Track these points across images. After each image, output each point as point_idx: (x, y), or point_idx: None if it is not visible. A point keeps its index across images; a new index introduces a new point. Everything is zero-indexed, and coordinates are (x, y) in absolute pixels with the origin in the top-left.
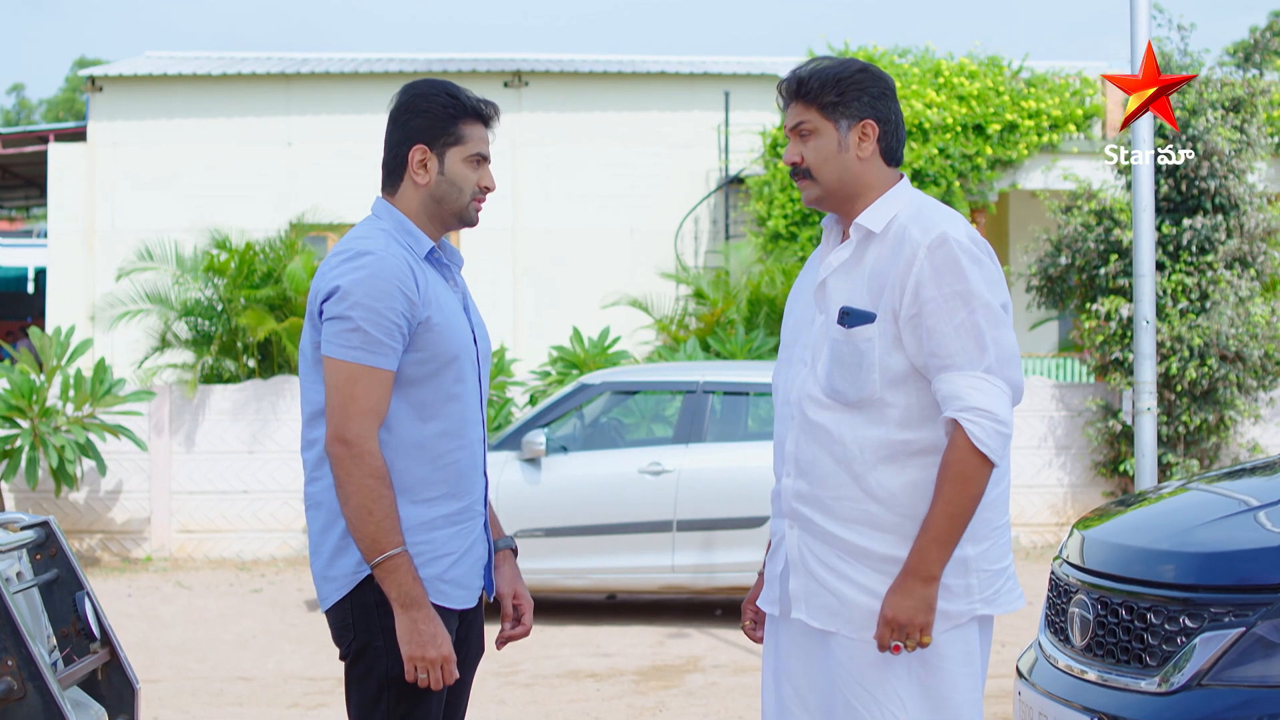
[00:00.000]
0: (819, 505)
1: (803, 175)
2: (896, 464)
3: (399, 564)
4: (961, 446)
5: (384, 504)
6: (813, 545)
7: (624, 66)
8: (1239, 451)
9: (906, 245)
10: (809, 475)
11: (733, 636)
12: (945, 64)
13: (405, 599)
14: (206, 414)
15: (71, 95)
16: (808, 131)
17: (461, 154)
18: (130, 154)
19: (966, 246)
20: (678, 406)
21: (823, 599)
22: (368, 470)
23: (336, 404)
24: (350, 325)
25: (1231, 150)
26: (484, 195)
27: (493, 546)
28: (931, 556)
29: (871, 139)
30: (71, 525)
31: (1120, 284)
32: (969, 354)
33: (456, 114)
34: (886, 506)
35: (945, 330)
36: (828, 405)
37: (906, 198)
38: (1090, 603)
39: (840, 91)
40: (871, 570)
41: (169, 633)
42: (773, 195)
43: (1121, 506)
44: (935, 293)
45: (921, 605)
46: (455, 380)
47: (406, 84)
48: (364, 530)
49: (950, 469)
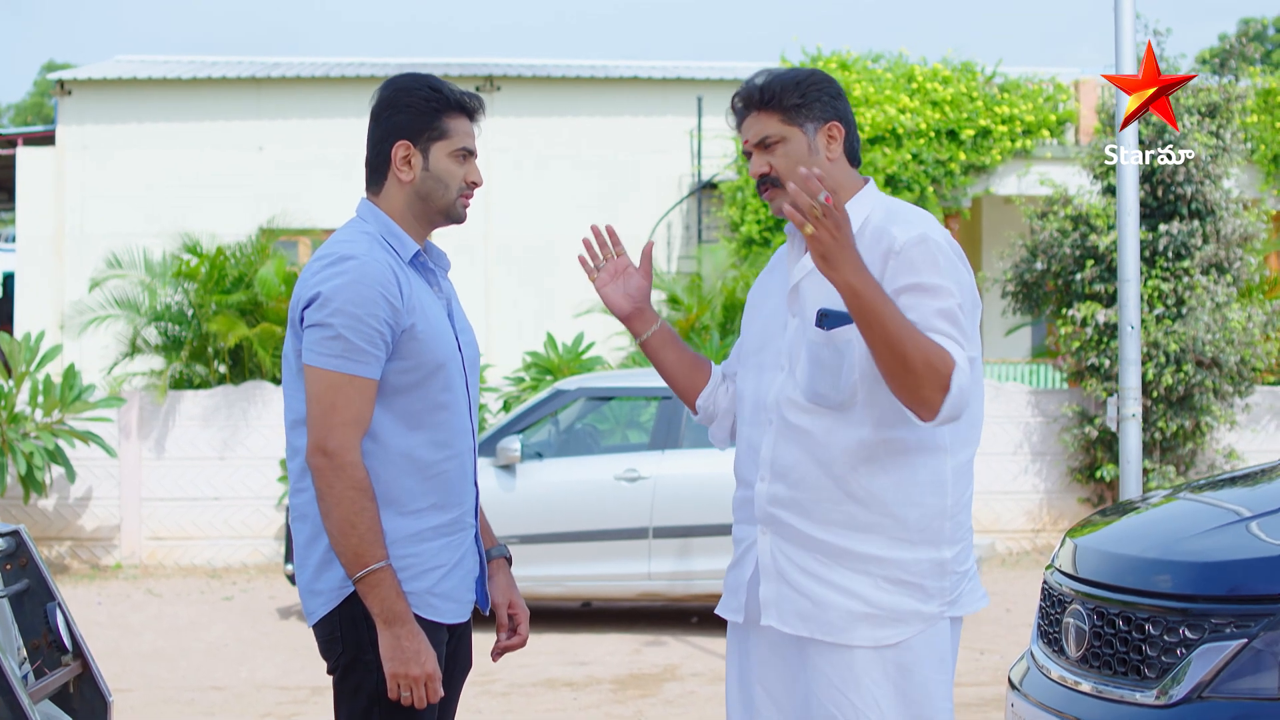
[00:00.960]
0: (798, 509)
1: (771, 184)
2: (877, 463)
3: (382, 578)
4: (950, 364)
5: (366, 517)
6: (788, 550)
7: (596, 71)
8: (1215, 458)
9: (884, 242)
10: (787, 479)
11: (710, 645)
12: (919, 69)
13: (388, 614)
14: (177, 420)
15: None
16: (774, 141)
17: (446, 149)
18: (99, 158)
19: (944, 248)
20: (653, 412)
21: (795, 604)
22: (349, 482)
23: (317, 414)
24: (331, 333)
25: (1208, 156)
26: (471, 191)
27: (484, 557)
28: (876, 289)
29: (839, 140)
30: (40, 532)
31: (1096, 289)
32: (949, 331)
33: (440, 108)
34: (866, 506)
35: (923, 310)
36: (808, 409)
37: (876, 199)
38: (1086, 613)
39: (802, 94)
40: (850, 571)
41: (140, 641)
42: (746, 200)
43: (1113, 515)
44: (912, 282)
45: (856, 254)
46: (442, 388)
47: (388, 79)
48: (346, 544)
49: (935, 352)
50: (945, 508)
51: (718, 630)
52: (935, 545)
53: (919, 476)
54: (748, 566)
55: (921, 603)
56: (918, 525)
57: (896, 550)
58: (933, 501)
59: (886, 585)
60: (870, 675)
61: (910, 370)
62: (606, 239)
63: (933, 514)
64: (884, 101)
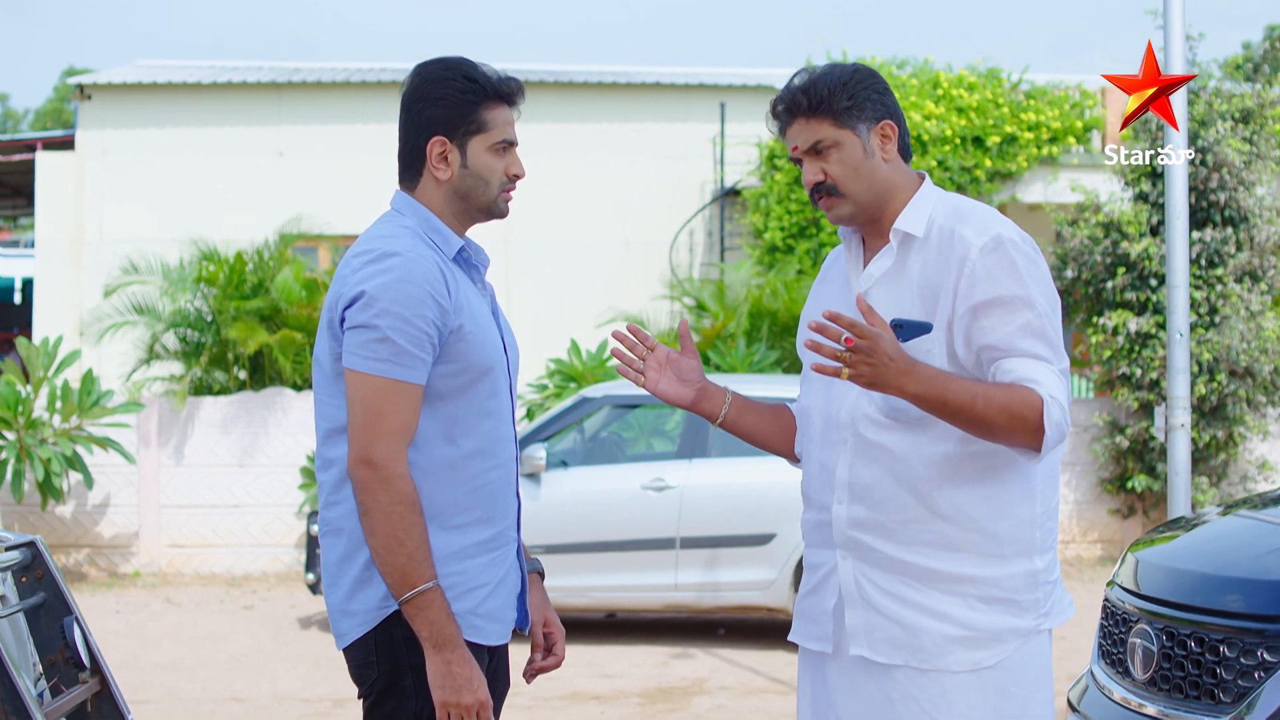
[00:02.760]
0: (881, 531)
1: (828, 193)
2: (963, 478)
3: (431, 600)
4: (1037, 405)
5: (415, 533)
6: (873, 575)
7: (619, 77)
8: (1247, 469)
9: (957, 246)
10: (867, 499)
11: (739, 657)
12: (944, 75)
13: (438, 638)
14: (196, 426)
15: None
16: (827, 146)
17: (485, 143)
18: (119, 163)
19: (1021, 248)
20: (679, 420)
21: (886, 631)
22: (397, 496)
23: (361, 422)
24: (377, 335)
25: (1241, 162)
26: (513, 184)
27: (525, 573)
28: (936, 383)
29: (893, 139)
30: (58, 540)
31: (1128, 298)
32: (1039, 351)
33: (477, 99)
34: (957, 525)
35: (1006, 330)
36: (887, 425)
37: (936, 197)
38: (1154, 633)
39: (851, 95)
40: (940, 592)
41: (158, 651)
42: (769, 207)
43: (1172, 531)
44: (992, 295)
45: (882, 384)
46: (489, 394)
47: (419, 65)
48: (393, 562)
49: (1007, 395)
50: (1035, 515)
51: (746, 643)
52: (1028, 556)
53: (1008, 486)
54: (829, 593)
55: (1016, 618)
56: (1010, 538)
57: (989, 567)
58: (1023, 510)
59: (980, 604)
60: (966, 700)
61: (998, 430)
62: (634, 339)
63: (1023, 523)
64: (909, 108)
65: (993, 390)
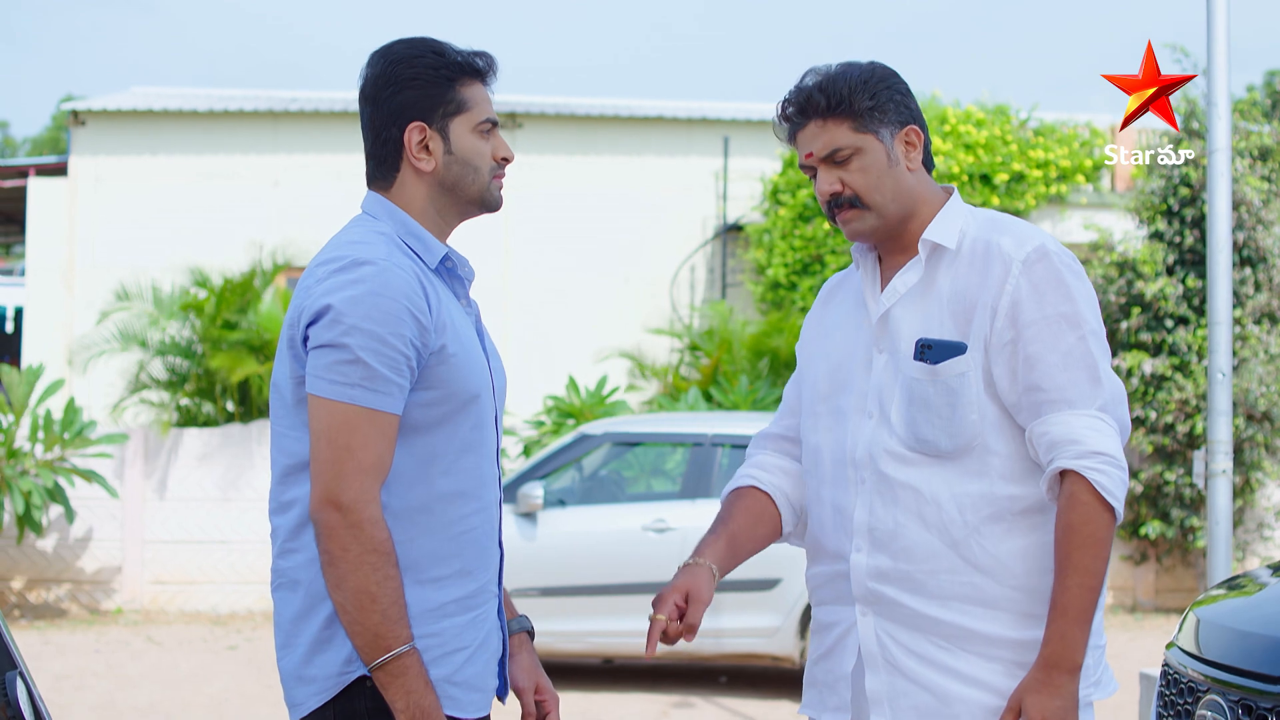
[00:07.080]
0: (907, 583)
1: (848, 205)
2: (1003, 524)
3: (408, 665)
4: (1087, 503)
5: (390, 587)
6: (897, 633)
7: (621, 110)
8: (1264, 515)
9: (996, 260)
10: (890, 548)
11: (741, 707)
12: (952, 111)
13: (415, 710)
14: (180, 459)
15: (56, 134)
16: (847, 153)
17: (468, 123)
18: (113, 190)
19: (1067, 261)
20: (680, 459)
21: (915, 698)
22: (369, 543)
23: (328, 458)
24: (347, 356)
25: (1260, 200)
26: (503, 169)
27: (507, 633)
28: (1076, 641)
29: (918, 147)
30: (38, 574)
31: (1142, 339)
32: (1080, 388)
33: (452, 74)
34: (994, 578)
35: (1050, 359)
36: (911, 460)
37: (967, 210)
38: (1227, 706)
39: (874, 95)
40: (979, 657)
41: (137, 693)
42: (773, 243)
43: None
44: (1037, 314)
45: (1071, 704)
46: (473, 426)
47: (376, 50)
48: (365, 621)
49: (1078, 532)
50: None
51: (748, 692)
52: None
53: (1053, 536)
54: (847, 656)
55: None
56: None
57: (1029, 628)
58: None
59: (1020, 671)
60: None
61: (1104, 548)
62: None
63: None
64: None
65: (1075, 557)
